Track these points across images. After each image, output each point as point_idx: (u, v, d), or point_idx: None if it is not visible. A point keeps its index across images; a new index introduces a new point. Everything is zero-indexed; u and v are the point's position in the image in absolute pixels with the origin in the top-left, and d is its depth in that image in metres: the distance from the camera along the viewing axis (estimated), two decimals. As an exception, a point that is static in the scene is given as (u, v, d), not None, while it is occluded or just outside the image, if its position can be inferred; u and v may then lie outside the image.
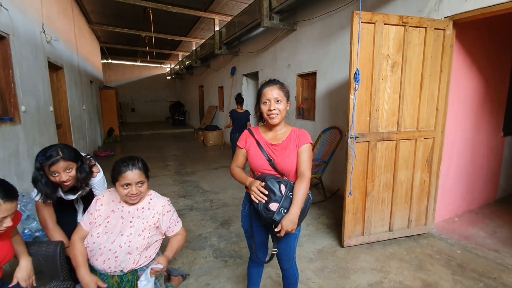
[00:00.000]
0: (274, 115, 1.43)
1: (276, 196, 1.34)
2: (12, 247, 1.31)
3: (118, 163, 1.42)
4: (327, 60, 4.16)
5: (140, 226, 1.41)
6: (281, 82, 1.49)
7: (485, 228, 2.98)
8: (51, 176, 1.47)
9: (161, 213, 1.47)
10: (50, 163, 1.42)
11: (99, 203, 1.47)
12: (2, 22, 2.53)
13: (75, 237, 1.42)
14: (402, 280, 2.17)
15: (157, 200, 1.52)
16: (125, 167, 1.38)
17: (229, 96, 8.34)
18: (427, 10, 2.70)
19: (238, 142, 1.58)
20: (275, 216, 1.31)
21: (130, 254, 1.37)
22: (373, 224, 2.68)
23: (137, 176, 1.39)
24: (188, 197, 4.08)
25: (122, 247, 1.37)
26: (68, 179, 1.50)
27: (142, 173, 1.42)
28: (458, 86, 2.86)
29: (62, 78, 4.74)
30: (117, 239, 1.38)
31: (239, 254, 2.55)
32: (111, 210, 1.44)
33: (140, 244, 1.38)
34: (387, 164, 2.62)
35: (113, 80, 15.66)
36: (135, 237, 1.39)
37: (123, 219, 1.42)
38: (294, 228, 1.31)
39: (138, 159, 1.44)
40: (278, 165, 1.45)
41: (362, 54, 2.36)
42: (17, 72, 2.76)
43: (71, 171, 1.51)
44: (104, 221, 1.41)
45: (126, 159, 1.43)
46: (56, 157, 1.44)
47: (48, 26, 3.94)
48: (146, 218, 1.44)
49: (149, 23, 7.86)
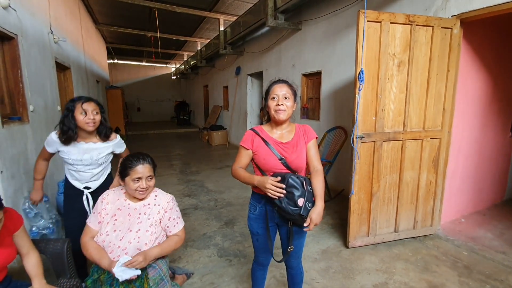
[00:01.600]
0: (282, 111, 1.42)
1: (300, 191, 1.34)
2: (13, 248, 1.32)
3: (129, 158, 1.47)
4: (332, 60, 4.14)
5: (147, 222, 1.44)
6: (290, 82, 1.51)
7: (493, 230, 2.94)
8: (80, 115, 1.70)
9: (165, 209, 1.51)
10: (83, 101, 1.72)
11: (104, 202, 1.49)
12: (10, 23, 2.57)
13: (86, 239, 1.43)
14: (407, 282, 2.15)
15: (162, 196, 1.55)
16: (136, 161, 1.44)
17: (233, 96, 8.36)
18: (434, 8, 2.67)
19: (243, 142, 1.50)
20: (303, 211, 1.32)
21: (139, 250, 1.38)
22: (379, 225, 2.67)
23: (147, 170, 1.45)
24: (193, 196, 4.10)
25: (131, 243, 1.39)
26: (94, 120, 1.74)
27: (151, 167, 1.49)
28: (466, 86, 2.83)
29: (70, 78, 4.80)
30: (126, 235, 1.39)
31: (243, 254, 2.56)
32: (117, 208, 1.46)
33: (149, 240, 1.41)
34: (393, 165, 2.60)
35: (119, 80, 15.80)
36: (143, 233, 1.41)
37: (130, 216, 1.44)
38: (320, 221, 1.34)
39: (147, 155, 1.51)
40: (292, 163, 1.43)
41: (368, 53, 2.34)
42: (26, 72, 2.80)
43: (97, 115, 1.77)
44: (112, 219, 1.43)
45: (136, 154, 1.50)
46: (88, 97, 1.77)
47: (55, 27, 3.99)
48: (152, 214, 1.47)
49: (154, 24, 7.91)
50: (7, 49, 2.64)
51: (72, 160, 1.81)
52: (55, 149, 1.80)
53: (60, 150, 1.80)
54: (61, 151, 1.80)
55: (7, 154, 2.34)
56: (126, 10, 7.64)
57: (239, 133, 8.12)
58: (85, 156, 1.82)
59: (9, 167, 2.36)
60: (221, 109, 9.85)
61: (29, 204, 2.57)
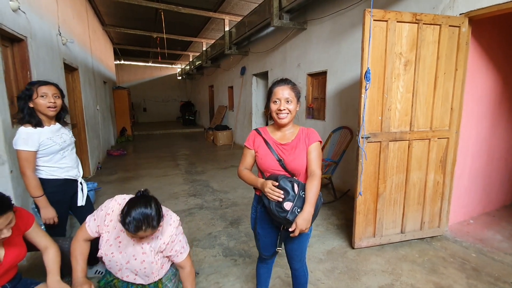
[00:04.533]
0: (284, 115, 1.42)
1: (290, 195, 1.33)
2: (23, 248, 1.34)
3: (132, 214, 1.19)
4: (337, 59, 4.12)
5: (151, 253, 1.35)
6: (292, 82, 1.48)
7: (502, 231, 2.88)
8: (39, 99, 1.66)
9: (166, 243, 1.36)
10: (42, 83, 1.69)
11: (108, 218, 1.36)
12: (20, 25, 2.62)
13: (80, 236, 1.39)
14: (414, 283, 2.13)
15: (166, 228, 1.37)
16: (137, 228, 1.19)
17: (238, 96, 8.37)
18: (442, 7, 2.64)
19: (246, 142, 1.55)
20: (289, 216, 1.30)
21: (148, 277, 1.37)
22: (385, 225, 2.64)
23: (149, 233, 1.25)
24: (198, 196, 4.12)
25: (138, 273, 1.36)
26: (55, 103, 1.72)
27: (156, 229, 1.26)
28: (474, 85, 2.78)
29: (77, 79, 4.87)
30: (131, 261, 1.34)
31: (248, 254, 2.56)
32: (121, 230, 1.34)
33: (156, 268, 1.37)
34: (400, 165, 2.57)
35: (126, 81, 15.96)
36: (148, 263, 1.34)
37: (134, 241, 1.36)
38: (308, 227, 1.30)
39: (153, 218, 1.22)
40: (289, 165, 1.43)
41: (374, 53, 2.32)
42: (35, 73, 2.85)
43: (58, 99, 1.75)
44: (115, 242, 1.35)
45: (141, 218, 1.19)
46: (46, 81, 1.73)
47: (63, 29, 4.06)
48: (154, 246, 1.36)
49: (160, 24, 7.98)
50: (17, 51, 2.70)
51: (59, 144, 1.77)
52: (36, 143, 1.66)
53: (41, 141, 1.68)
54: (42, 143, 1.68)
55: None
56: (132, 12, 7.72)
57: (244, 133, 8.13)
58: (64, 137, 1.83)
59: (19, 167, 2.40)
60: (226, 109, 9.87)
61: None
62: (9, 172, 2.25)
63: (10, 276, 1.31)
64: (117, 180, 4.98)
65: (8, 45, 2.57)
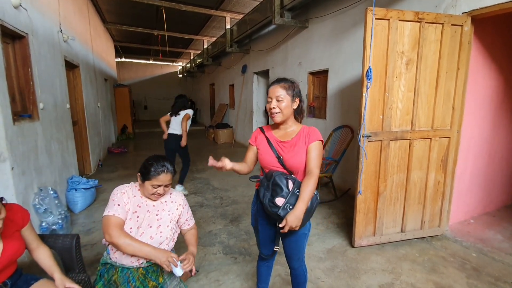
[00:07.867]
0: (275, 113, 1.45)
1: (283, 191, 1.35)
2: (22, 243, 1.34)
3: (154, 164, 1.42)
4: (339, 58, 4.10)
5: (167, 217, 1.49)
6: (287, 80, 1.48)
7: (503, 231, 2.88)
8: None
9: (182, 205, 1.57)
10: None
11: (125, 196, 1.44)
12: (21, 22, 2.61)
13: (114, 229, 1.34)
14: (414, 283, 2.13)
15: (176, 194, 1.60)
16: (161, 170, 1.41)
17: (239, 94, 8.36)
18: (444, 5, 2.62)
19: (250, 139, 1.63)
20: (280, 211, 1.31)
21: (160, 244, 1.44)
22: (385, 224, 2.64)
23: (168, 179, 1.45)
24: (199, 194, 4.13)
25: (153, 238, 1.42)
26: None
27: (172, 176, 1.49)
28: (476, 84, 2.77)
29: (78, 76, 4.87)
30: (146, 231, 1.42)
31: (248, 251, 2.56)
32: (137, 205, 1.46)
33: (169, 234, 1.48)
34: (400, 164, 2.57)
35: (127, 78, 15.95)
36: (164, 227, 1.46)
37: (149, 212, 1.47)
38: (299, 225, 1.28)
39: (171, 162, 1.50)
40: (287, 162, 1.45)
41: (376, 51, 2.31)
42: (36, 71, 2.85)
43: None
44: (134, 216, 1.43)
45: (161, 160, 1.45)
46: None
47: (65, 26, 4.05)
48: (172, 210, 1.52)
49: (161, 22, 7.95)
50: (18, 48, 2.70)
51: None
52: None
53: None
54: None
55: (18, 151, 2.39)
56: (133, 9, 7.69)
57: (245, 131, 8.12)
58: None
59: (20, 164, 2.41)
60: (227, 107, 9.86)
61: (39, 200, 2.62)
62: (10, 169, 2.25)
63: (10, 272, 1.32)
64: (117, 177, 4.99)
65: (9, 42, 2.57)
